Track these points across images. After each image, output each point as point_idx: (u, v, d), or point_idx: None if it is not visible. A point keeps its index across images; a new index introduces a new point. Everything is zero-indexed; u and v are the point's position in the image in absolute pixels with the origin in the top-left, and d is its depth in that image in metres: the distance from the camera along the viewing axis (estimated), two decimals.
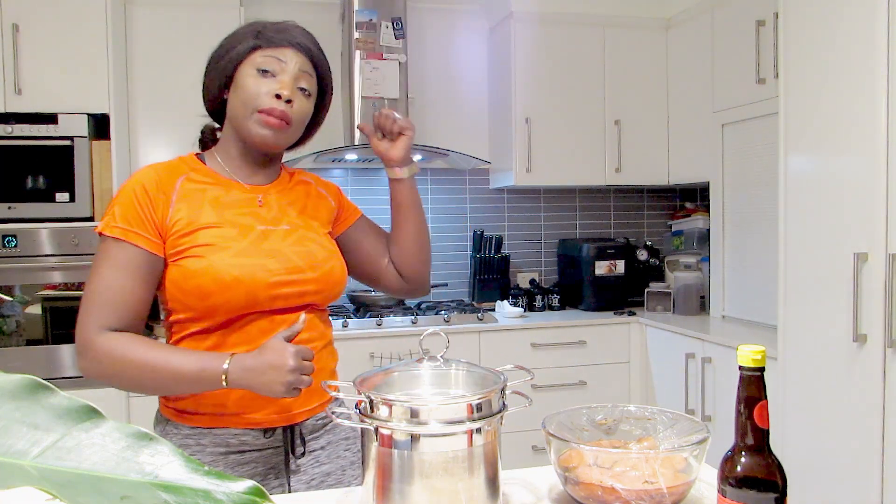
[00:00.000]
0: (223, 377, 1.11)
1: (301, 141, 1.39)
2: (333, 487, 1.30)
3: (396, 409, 0.91)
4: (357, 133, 3.19)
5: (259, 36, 1.25)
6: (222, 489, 0.38)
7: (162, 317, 1.30)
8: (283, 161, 1.42)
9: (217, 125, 1.38)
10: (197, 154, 1.35)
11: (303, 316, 1.18)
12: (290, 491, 1.27)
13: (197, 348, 1.22)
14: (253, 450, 1.24)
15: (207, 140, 1.39)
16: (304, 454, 1.29)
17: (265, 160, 1.32)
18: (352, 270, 1.42)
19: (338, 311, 3.24)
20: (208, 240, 1.19)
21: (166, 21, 2.99)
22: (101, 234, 1.19)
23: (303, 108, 1.27)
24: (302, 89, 1.26)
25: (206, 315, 1.20)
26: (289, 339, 1.13)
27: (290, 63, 1.24)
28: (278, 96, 1.22)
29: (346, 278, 1.35)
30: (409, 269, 1.43)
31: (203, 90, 1.34)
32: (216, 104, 1.33)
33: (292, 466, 1.29)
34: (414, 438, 0.90)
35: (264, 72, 1.23)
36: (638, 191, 3.89)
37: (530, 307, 3.46)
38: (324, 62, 1.31)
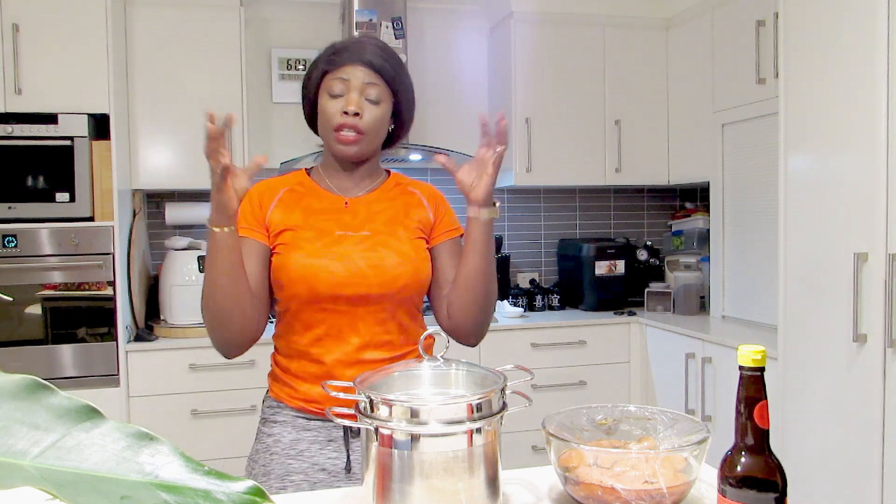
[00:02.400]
0: (209, 223, 1.26)
1: (396, 138, 1.50)
2: None
3: (396, 409, 0.91)
4: None
5: (327, 62, 1.40)
6: (222, 489, 0.38)
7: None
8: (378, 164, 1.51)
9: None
10: (309, 168, 1.50)
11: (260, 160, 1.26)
12: (348, 462, 1.37)
13: (283, 328, 1.41)
14: (318, 419, 1.38)
15: None
16: (359, 432, 1.35)
17: (358, 168, 1.44)
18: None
19: None
20: (289, 240, 1.37)
21: (166, 21, 2.99)
22: None
23: (374, 116, 1.38)
24: (370, 100, 1.37)
25: (286, 302, 1.38)
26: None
27: (353, 80, 1.37)
28: (346, 113, 1.35)
29: (421, 282, 1.41)
30: (456, 308, 1.43)
31: (303, 113, 1.48)
32: (314, 123, 1.47)
33: (352, 446, 1.37)
34: (414, 438, 0.90)
35: (334, 95, 1.37)
36: (638, 191, 3.89)
37: (530, 307, 3.45)
38: (388, 69, 1.39)
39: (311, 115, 1.45)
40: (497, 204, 1.42)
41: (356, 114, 1.36)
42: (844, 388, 2.07)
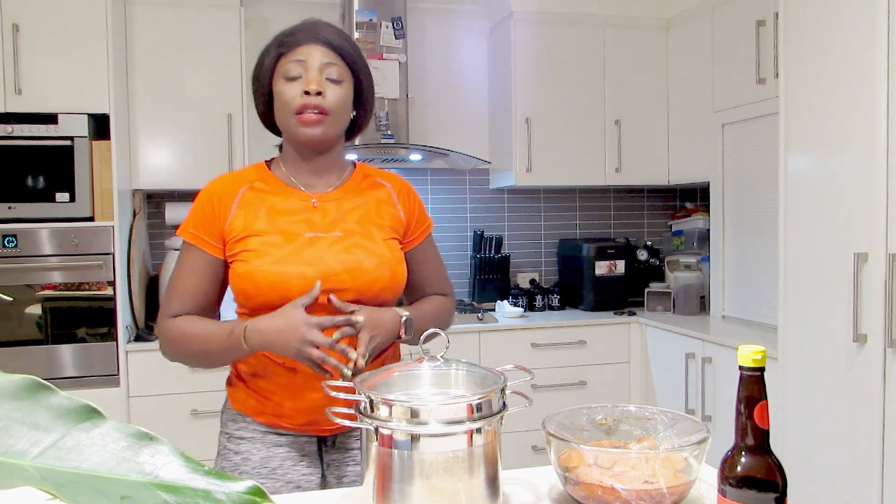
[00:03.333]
0: (242, 337, 1.22)
1: (358, 128, 1.41)
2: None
3: (396, 409, 0.91)
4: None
5: (280, 45, 1.31)
6: (222, 489, 0.38)
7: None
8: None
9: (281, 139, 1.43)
10: (269, 160, 1.40)
11: (317, 283, 1.24)
12: (323, 479, 1.33)
13: None
14: (289, 434, 1.32)
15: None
16: (333, 444, 1.34)
17: (321, 158, 1.35)
18: None
19: None
20: (255, 246, 1.27)
21: (166, 21, 2.99)
22: (179, 236, 1.35)
23: (337, 95, 1.29)
24: (330, 79, 1.28)
25: (254, 311, 1.29)
26: (305, 306, 1.21)
27: (310, 60, 1.28)
28: (307, 93, 1.26)
29: (398, 284, 1.35)
30: None
31: (256, 110, 1.40)
32: (268, 119, 1.38)
33: (327, 459, 1.34)
34: (414, 438, 0.90)
35: (291, 78, 1.28)
36: (638, 191, 3.89)
37: (530, 307, 3.45)
38: (347, 48, 1.32)
39: (266, 111, 1.36)
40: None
41: (318, 93, 1.26)
42: (844, 388, 2.07)
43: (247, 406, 1.33)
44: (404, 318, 1.29)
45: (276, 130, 1.40)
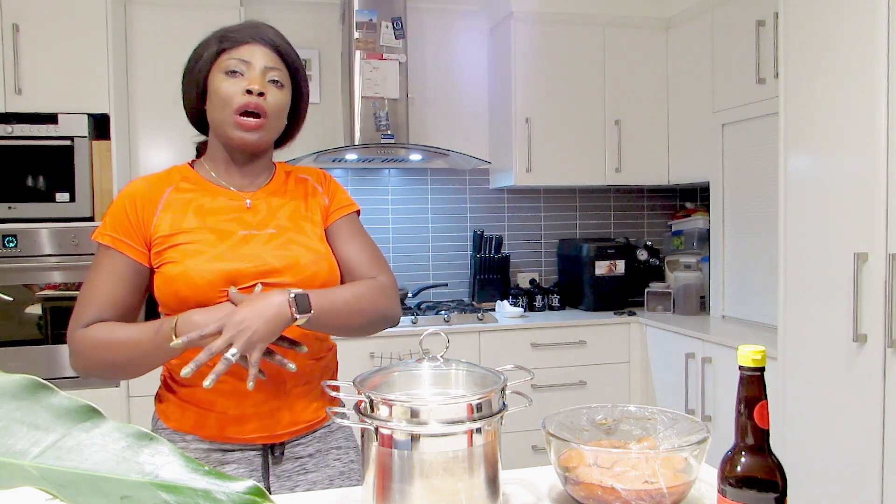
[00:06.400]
0: (173, 331, 1.12)
1: (288, 136, 1.38)
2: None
3: (396, 409, 0.91)
4: (357, 133, 3.19)
5: (223, 39, 1.26)
6: (222, 489, 0.38)
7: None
8: (277, 159, 1.41)
9: (205, 136, 1.38)
10: (191, 162, 1.36)
11: (259, 286, 1.19)
12: (269, 493, 1.25)
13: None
14: (235, 449, 1.25)
15: (202, 152, 1.39)
16: (282, 455, 1.28)
17: (252, 162, 1.31)
18: None
19: None
20: (186, 246, 1.21)
21: (166, 21, 2.99)
22: (96, 240, 1.26)
23: (278, 99, 1.25)
24: (273, 81, 1.25)
25: None
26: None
27: (255, 59, 1.24)
28: (249, 92, 1.22)
29: (335, 279, 1.30)
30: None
31: (183, 103, 1.34)
32: (197, 115, 1.33)
33: (276, 471, 1.28)
34: (414, 438, 0.90)
35: (232, 73, 1.23)
36: (638, 191, 3.89)
37: (530, 307, 3.45)
38: (291, 53, 1.29)
39: (197, 107, 1.30)
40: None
41: (261, 94, 1.21)
42: (844, 388, 2.07)
43: (184, 422, 1.25)
44: (292, 295, 1.13)
45: (202, 128, 1.35)
